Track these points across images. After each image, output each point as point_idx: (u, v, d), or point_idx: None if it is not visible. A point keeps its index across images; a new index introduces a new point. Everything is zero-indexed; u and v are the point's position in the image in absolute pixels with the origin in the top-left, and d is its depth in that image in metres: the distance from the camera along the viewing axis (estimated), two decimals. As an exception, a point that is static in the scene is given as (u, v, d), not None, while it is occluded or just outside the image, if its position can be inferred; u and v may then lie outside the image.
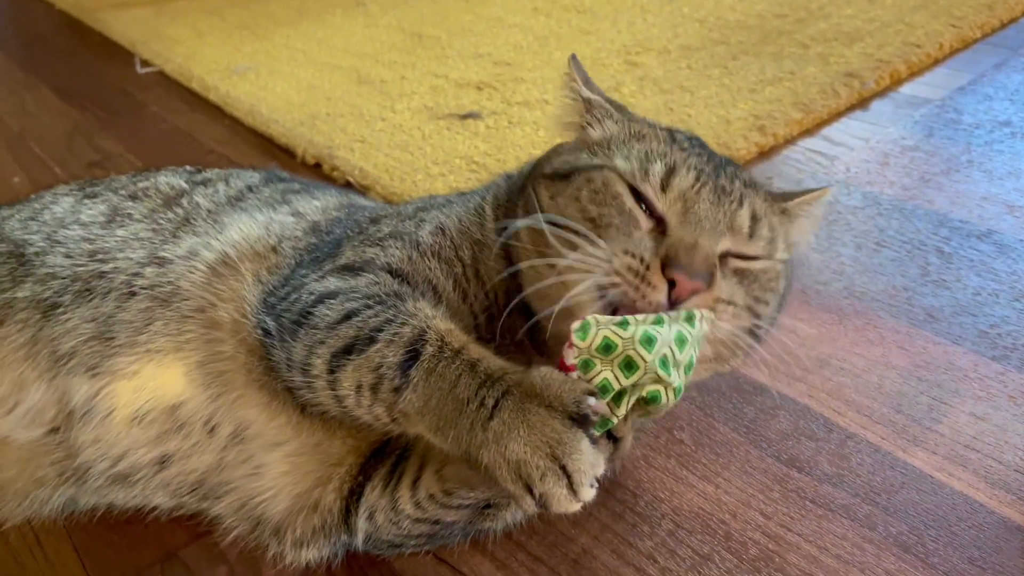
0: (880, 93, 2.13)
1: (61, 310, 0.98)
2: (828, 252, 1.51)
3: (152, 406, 0.95)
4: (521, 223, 0.92)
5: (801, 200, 0.99)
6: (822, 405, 1.17)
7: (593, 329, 0.77)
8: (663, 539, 0.99)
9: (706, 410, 1.17)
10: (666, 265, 0.81)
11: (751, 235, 0.89)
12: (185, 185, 1.15)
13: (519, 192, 1.01)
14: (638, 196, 0.88)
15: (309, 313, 0.88)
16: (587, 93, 1.00)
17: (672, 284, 0.81)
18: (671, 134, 0.97)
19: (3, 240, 1.08)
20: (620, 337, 0.76)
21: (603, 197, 0.89)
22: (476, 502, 0.92)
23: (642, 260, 0.82)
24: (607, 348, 0.76)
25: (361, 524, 0.93)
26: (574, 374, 0.78)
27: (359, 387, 0.82)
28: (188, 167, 1.26)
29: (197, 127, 2.21)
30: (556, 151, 1.02)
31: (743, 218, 0.89)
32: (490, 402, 0.74)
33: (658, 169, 0.89)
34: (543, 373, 0.76)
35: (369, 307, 0.86)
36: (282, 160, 1.99)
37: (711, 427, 1.15)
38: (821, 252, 1.51)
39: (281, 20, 2.98)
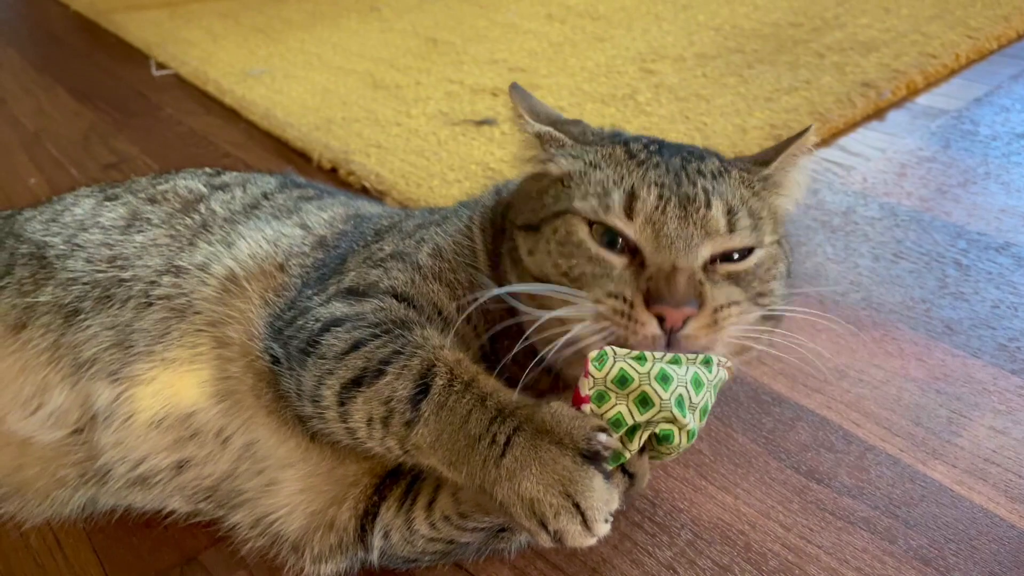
0: (896, 103, 2.13)
1: (82, 317, 0.99)
2: (845, 263, 1.51)
3: (168, 412, 0.96)
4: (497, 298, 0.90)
5: (781, 160, 0.96)
6: (841, 417, 1.17)
7: (610, 360, 0.77)
8: (683, 549, 0.99)
9: (725, 420, 1.17)
10: (650, 300, 0.81)
11: (731, 230, 0.87)
12: (204, 189, 1.16)
13: (502, 229, 1.00)
14: (610, 231, 0.87)
15: (316, 342, 0.87)
16: (535, 127, 0.97)
17: (661, 318, 0.81)
18: (627, 149, 0.94)
19: (25, 241, 1.09)
20: (636, 372, 0.76)
21: (569, 248, 0.88)
22: (491, 526, 0.91)
23: (624, 299, 0.82)
24: (623, 381, 0.76)
25: (376, 542, 0.93)
26: (587, 406, 0.78)
27: (370, 420, 0.81)
28: (208, 169, 1.26)
29: (213, 130, 2.22)
30: (525, 189, 1.00)
31: (716, 218, 0.87)
32: (501, 439, 0.74)
33: (617, 198, 0.87)
34: (553, 409, 0.76)
35: (376, 336, 0.85)
36: (298, 164, 1.99)
37: (730, 437, 1.14)
38: (839, 263, 1.51)
39: (296, 24, 2.99)
